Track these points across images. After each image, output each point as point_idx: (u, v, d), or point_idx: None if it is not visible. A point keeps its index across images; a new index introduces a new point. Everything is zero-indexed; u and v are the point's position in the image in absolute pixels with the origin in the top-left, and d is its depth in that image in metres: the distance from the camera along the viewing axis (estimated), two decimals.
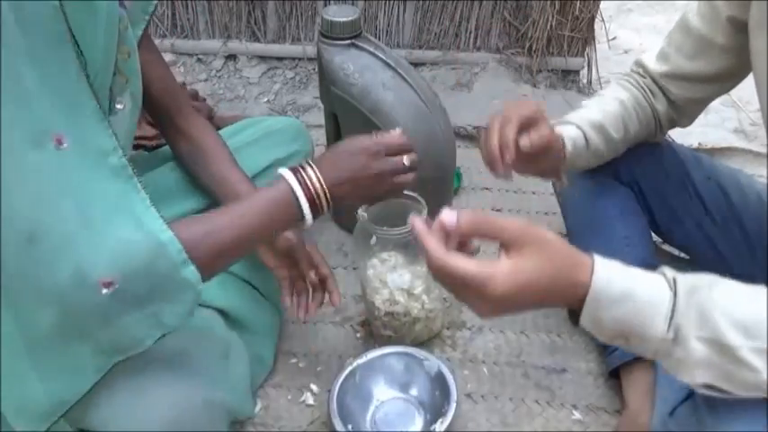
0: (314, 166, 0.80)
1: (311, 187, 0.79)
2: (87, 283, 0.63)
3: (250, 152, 1.14)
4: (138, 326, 0.69)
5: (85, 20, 0.75)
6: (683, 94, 0.97)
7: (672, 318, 0.59)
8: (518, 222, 0.60)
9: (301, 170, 0.80)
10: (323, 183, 0.80)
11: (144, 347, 0.71)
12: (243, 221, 0.77)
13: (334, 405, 0.95)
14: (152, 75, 0.99)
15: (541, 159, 0.89)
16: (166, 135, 1.08)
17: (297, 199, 0.78)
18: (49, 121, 0.63)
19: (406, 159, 0.85)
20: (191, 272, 0.70)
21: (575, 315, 0.69)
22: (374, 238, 1.00)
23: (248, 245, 0.79)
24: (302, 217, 0.79)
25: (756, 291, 0.60)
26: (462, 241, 0.64)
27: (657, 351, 0.60)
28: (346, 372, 1.00)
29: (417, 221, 0.63)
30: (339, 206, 0.84)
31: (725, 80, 0.94)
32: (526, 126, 0.85)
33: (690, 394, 0.73)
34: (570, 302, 0.61)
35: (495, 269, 0.58)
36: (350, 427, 0.94)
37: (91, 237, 0.64)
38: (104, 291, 0.64)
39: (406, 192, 0.97)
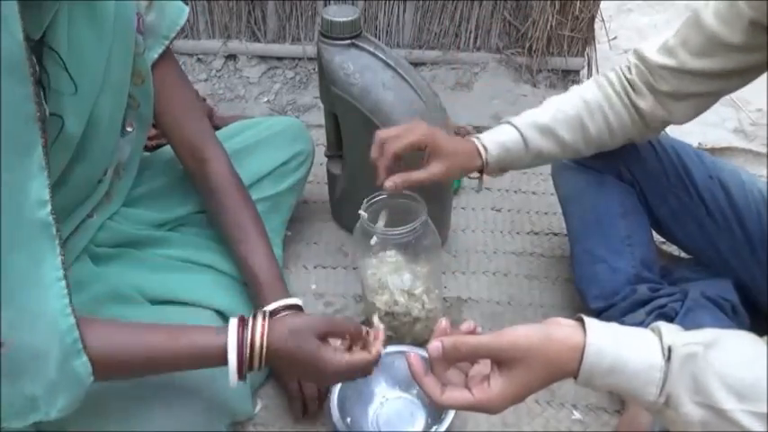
0: (264, 330, 0.73)
1: (247, 348, 0.73)
2: None
3: (252, 156, 1.14)
4: (12, 402, 0.64)
5: (87, 41, 0.75)
6: (684, 89, 0.92)
7: (663, 387, 0.59)
8: (499, 339, 0.62)
9: (250, 326, 0.74)
10: (263, 352, 0.73)
11: (9, 425, 0.65)
12: (161, 351, 0.72)
13: (334, 405, 0.95)
14: (173, 113, 0.96)
15: (446, 179, 0.95)
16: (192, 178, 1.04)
17: (226, 359, 0.72)
18: None
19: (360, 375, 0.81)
20: (82, 364, 0.66)
21: None
22: (374, 238, 1.00)
23: (155, 371, 0.74)
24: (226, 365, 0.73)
25: (756, 351, 0.59)
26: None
27: (651, 410, 0.61)
28: None
29: (414, 362, 0.66)
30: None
31: (729, 78, 0.90)
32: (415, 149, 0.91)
33: None
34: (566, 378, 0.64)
35: (490, 395, 0.62)
36: (350, 426, 0.94)
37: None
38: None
39: (405, 191, 0.97)
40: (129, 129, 0.90)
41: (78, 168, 0.82)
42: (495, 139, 0.97)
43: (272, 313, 0.83)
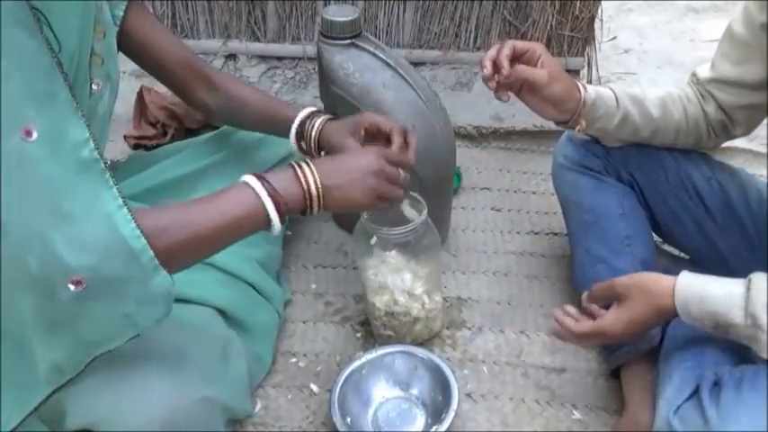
0: (312, 167, 0.80)
1: (304, 186, 0.78)
2: (55, 281, 0.63)
3: (251, 156, 1.14)
4: (109, 324, 0.68)
5: (57, 2, 0.73)
6: (730, 101, 0.97)
7: (746, 308, 0.72)
8: (614, 280, 0.86)
9: (299, 168, 0.80)
10: (318, 185, 0.79)
11: (117, 345, 0.70)
12: (213, 218, 0.74)
13: (334, 405, 0.95)
14: (161, 44, 0.99)
15: (553, 97, 0.95)
16: (193, 100, 1.08)
17: (264, 207, 0.76)
18: (18, 112, 0.61)
19: (402, 175, 0.87)
20: (163, 278, 0.69)
21: None
22: (374, 238, 1.00)
23: (215, 244, 0.77)
24: (269, 224, 0.77)
25: None
26: None
27: (748, 337, 0.73)
28: (347, 371, 1.00)
29: (555, 309, 0.91)
30: (330, 210, 0.84)
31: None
32: (526, 59, 0.94)
33: (693, 393, 0.73)
34: (669, 316, 0.81)
35: (607, 318, 0.84)
36: (350, 426, 0.95)
37: (61, 234, 0.63)
38: (72, 289, 0.63)
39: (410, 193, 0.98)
40: (94, 87, 0.88)
41: None
42: (592, 87, 0.99)
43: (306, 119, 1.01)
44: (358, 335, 1.15)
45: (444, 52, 1.92)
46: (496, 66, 0.92)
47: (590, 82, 1.89)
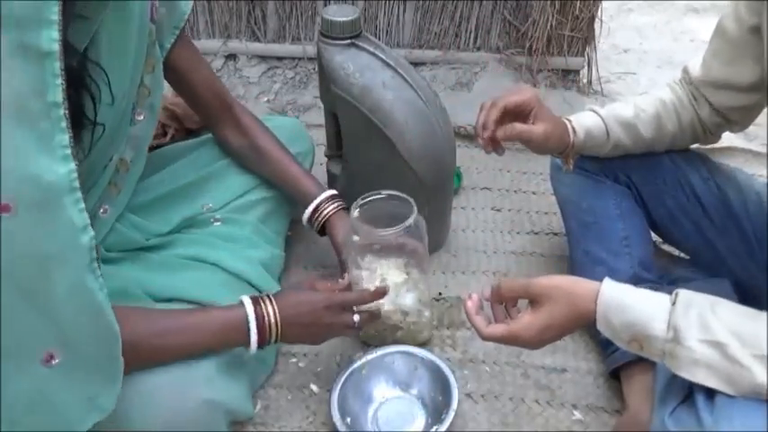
0: (273, 304, 0.86)
1: (266, 324, 0.84)
2: (29, 355, 0.62)
3: None
4: (73, 407, 0.68)
5: (118, 48, 0.78)
6: (723, 103, 0.97)
7: (670, 320, 0.68)
8: (532, 280, 0.78)
9: (261, 303, 0.85)
10: (278, 322, 0.85)
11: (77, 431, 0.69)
12: (191, 334, 0.81)
13: (334, 405, 0.95)
14: (197, 75, 1.05)
15: (547, 150, 1.01)
16: (217, 132, 1.13)
17: (248, 329, 0.83)
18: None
19: (356, 318, 0.92)
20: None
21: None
22: (355, 237, 0.99)
23: (186, 354, 0.81)
24: (248, 344, 0.84)
25: (756, 312, 0.67)
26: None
27: (663, 352, 0.69)
28: (347, 371, 1.00)
29: (469, 303, 0.82)
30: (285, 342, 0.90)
31: (760, 90, 0.93)
32: (519, 110, 0.95)
33: (688, 395, 0.73)
34: (586, 323, 0.75)
35: (521, 324, 0.77)
36: (350, 426, 0.95)
37: (43, 308, 0.62)
38: (46, 365, 0.63)
39: (393, 192, 1.00)
40: (139, 117, 0.92)
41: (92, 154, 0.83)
42: (583, 124, 1.01)
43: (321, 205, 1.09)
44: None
45: (444, 52, 1.92)
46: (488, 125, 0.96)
47: (590, 82, 1.89)
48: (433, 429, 0.92)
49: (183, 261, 1.01)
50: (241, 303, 0.85)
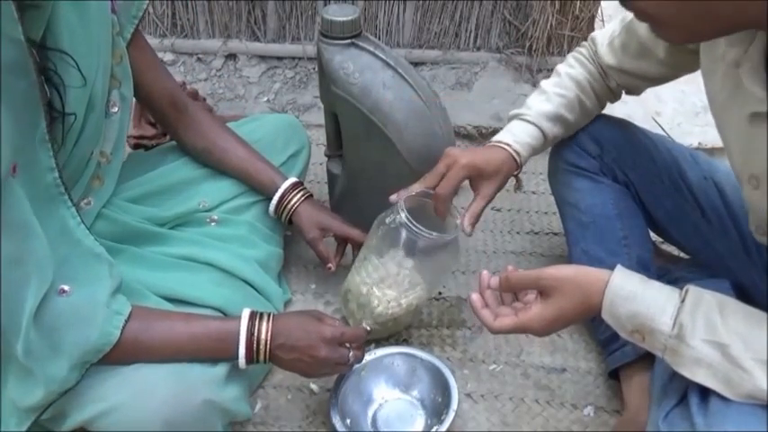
0: (269, 324, 0.86)
1: (255, 341, 0.84)
2: (51, 290, 0.72)
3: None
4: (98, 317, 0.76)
5: (80, 34, 0.79)
6: (628, 83, 1.03)
7: (677, 316, 0.68)
8: (541, 271, 0.78)
9: (257, 319, 0.86)
10: (269, 343, 0.85)
11: (112, 342, 0.76)
12: (178, 337, 0.82)
13: (334, 405, 0.95)
14: (149, 76, 1.02)
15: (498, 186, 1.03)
16: (175, 133, 1.11)
17: (237, 342, 0.84)
18: (8, 152, 0.67)
19: (352, 356, 0.91)
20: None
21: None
22: (404, 232, 0.99)
23: (170, 356, 0.81)
24: (236, 358, 0.84)
25: (763, 314, 0.67)
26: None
27: (665, 347, 0.69)
28: (347, 372, 0.99)
29: (475, 298, 0.82)
30: (279, 366, 0.90)
31: (667, 80, 1.00)
32: (475, 175, 0.99)
33: (682, 398, 0.73)
34: (596, 313, 0.75)
35: (530, 315, 0.77)
36: (350, 427, 0.94)
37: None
38: (63, 296, 0.73)
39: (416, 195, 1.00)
40: (113, 109, 0.93)
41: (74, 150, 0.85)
42: (521, 142, 1.02)
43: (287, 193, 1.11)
44: None
45: (444, 52, 1.92)
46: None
47: None
48: (434, 430, 0.92)
49: (177, 261, 1.00)
50: (239, 319, 0.86)
